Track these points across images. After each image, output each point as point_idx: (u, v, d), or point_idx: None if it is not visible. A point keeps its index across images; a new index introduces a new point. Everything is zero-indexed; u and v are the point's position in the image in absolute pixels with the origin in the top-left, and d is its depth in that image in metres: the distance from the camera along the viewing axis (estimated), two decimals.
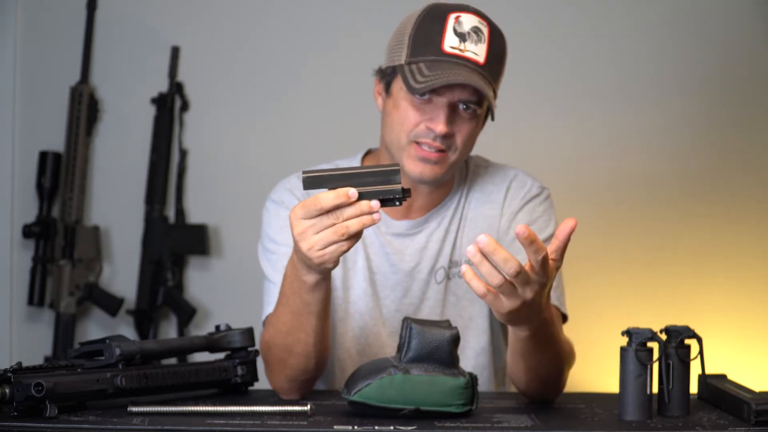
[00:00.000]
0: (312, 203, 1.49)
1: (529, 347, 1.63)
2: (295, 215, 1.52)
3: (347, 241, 1.51)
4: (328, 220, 1.50)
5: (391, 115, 1.82)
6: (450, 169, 1.82)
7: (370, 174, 1.49)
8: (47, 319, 2.99)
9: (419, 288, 1.90)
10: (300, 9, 2.98)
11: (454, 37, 1.77)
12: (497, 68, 1.81)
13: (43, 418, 1.50)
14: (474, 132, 1.82)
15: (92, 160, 3.02)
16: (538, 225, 1.91)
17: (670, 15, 2.94)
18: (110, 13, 3.00)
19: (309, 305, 1.66)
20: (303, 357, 1.73)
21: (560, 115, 2.96)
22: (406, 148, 1.80)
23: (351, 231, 1.50)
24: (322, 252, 1.53)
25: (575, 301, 2.89)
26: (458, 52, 1.76)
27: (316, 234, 1.51)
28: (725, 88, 2.94)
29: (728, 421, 1.56)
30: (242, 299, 2.90)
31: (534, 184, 1.94)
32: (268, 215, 1.93)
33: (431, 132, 1.78)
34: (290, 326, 1.71)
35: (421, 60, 1.77)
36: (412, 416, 1.54)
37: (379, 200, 1.49)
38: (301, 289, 1.64)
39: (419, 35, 1.78)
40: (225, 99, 3.00)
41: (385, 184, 1.49)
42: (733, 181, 2.94)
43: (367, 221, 1.49)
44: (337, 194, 1.48)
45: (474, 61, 1.77)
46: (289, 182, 1.95)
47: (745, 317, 2.92)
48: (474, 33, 1.78)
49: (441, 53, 1.76)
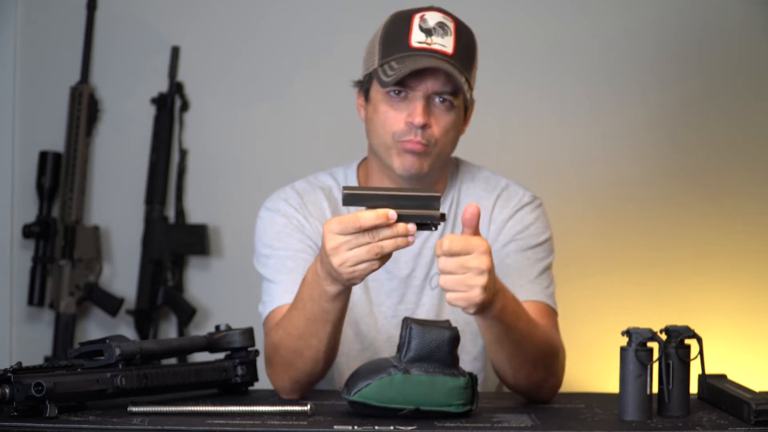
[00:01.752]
0: (351, 221, 1.50)
1: (500, 328, 1.65)
2: (329, 229, 1.53)
3: (379, 260, 1.53)
4: (363, 238, 1.51)
5: (373, 120, 1.85)
6: (434, 161, 1.83)
7: (410, 198, 1.50)
8: (47, 319, 2.99)
9: (414, 294, 1.91)
10: (300, 9, 2.98)
11: (420, 33, 1.80)
12: (467, 59, 1.82)
13: (43, 418, 1.50)
14: (453, 125, 1.83)
15: (92, 160, 3.02)
16: (531, 231, 1.91)
17: (666, 12, 2.94)
18: (110, 13, 3.00)
19: (327, 313, 1.67)
20: (311, 361, 1.74)
21: (560, 116, 2.96)
22: (392, 146, 1.82)
23: (385, 251, 1.51)
24: (353, 269, 1.53)
25: (576, 301, 2.90)
26: (426, 46, 1.80)
27: (349, 250, 1.52)
28: (726, 86, 2.94)
29: (728, 421, 1.56)
30: (242, 299, 2.90)
31: (525, 194, 1.95)
32: (262, 224, 1.93)
33: (411, 127, 1.79)
34: (303, 331, 1.71)
35: (392, 59, 1.80)
36: (412, 416, 1.54)
37: (416, 224, 1.50)
38: (321, 297, 1.64)
39: (388, 38, 1.82)
40: (225, 99, 3.00)
41: (423, 208, 1.50)
42: (734, 181, 2.94)
43: (402, 243, 1.51)
44: (377, 215, 1.49)
45: (442, 52, 1.80)
46: (283, 192, 1.95)
47: (745, 317, 2.92)
48: (440, 27, 1.81)
49: (409, 49, 1.80)
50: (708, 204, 2.94)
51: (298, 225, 1.90)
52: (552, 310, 1.88)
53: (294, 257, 1.87)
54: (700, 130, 2.94)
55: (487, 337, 1.69)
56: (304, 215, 1.91)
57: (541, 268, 1.89)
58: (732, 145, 2.94)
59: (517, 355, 1.70)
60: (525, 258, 1.89)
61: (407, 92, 1.81)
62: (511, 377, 1.73)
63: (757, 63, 2.94)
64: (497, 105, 2.93)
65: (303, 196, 1.93)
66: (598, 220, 2.95)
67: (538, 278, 1.88)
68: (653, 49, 2.94)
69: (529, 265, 1.88)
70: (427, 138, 1.81)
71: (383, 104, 1.82)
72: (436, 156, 1.83)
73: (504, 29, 2.94)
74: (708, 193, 2.94)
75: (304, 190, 1.94)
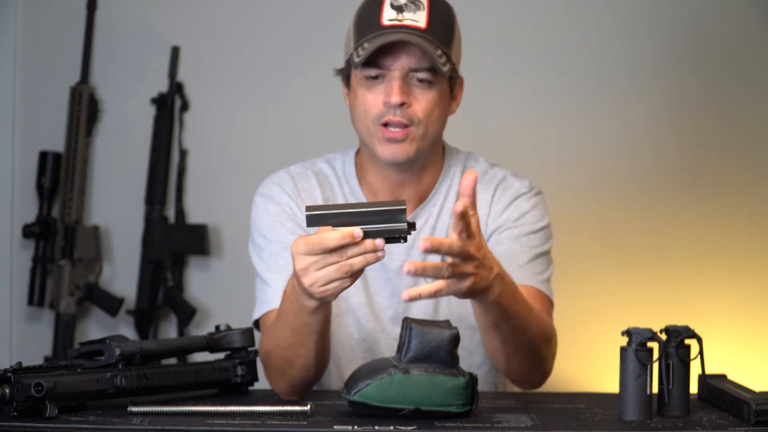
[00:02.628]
0: (316, 242, 1.48)
1: (497, 314, 1.64)
2: (297, 250, 1.51)
3: (350, 278, 1.51)
4: (331, 258, 1.49)
5: (354, 107, 1.83)
6: (420, 145, 1.81)
7: (374, 213, 1.47)
8: (47, 319, 2.99)
9: (408, 286, 1.89)
10: (300, 9, 2.98)
11: (391, 11, 1.78)
12: (444, 33, 1.79)
13: (43, 418, 1.50)
14: (436, 103, 1.80)
15: (92, 160, 3.02)
16: (527, 219, 1.90)
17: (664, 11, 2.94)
18: (110, 13, 3.00)
19: (309, 325, 1.67)
20: (303, 369, 1.74)
21: (560, 115, 2.95)
22: (374, 132, 1.80)
23: (354, 269, 1.50)
24: (324, 288, 1.53)
25: (576, 300, 2.90)
26: (397, 23, 1.77)
27: (318, 270, 1.51)
28: (726, 86, 2.94)
29: (728, 421, 1.56)
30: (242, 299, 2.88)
31: (523, 184, 1.94)
32: (257, 210, 1.93)
33: (390, 107, 1.77)
34: (290, 342, 1.71)
35: (364, 40, 1.78)
36: (412, 416, 1.54)
37: (384, 238, 1.48)
38: (302, 311, 1.64)
39: (361, 22, 1.81)
40: (225, 99, 3.00)
41: (390, 222, 1.47)
42: (734, 181, 2.94)
43: (371, 259, 1.49)
44: (342, 235, 1.47)
45: (415, 27, 1.77)
46: (277, 177, 1.95)
47: (745, 317, 2.92)
48: (411, 3, 1.78)
49: (380, 27, 1.77)
50: (708, 204, 2.94)
51: (290, 213, 1.90)
52: (544, 296, 1.87)
53: (285, 254, 1.87)
54: (700, 130, 2.94)
55: (482, 322, 1.68)
56: (297, 202, 1.91)
57: (533, 254, 1.88)
58: (732, 144, 2.94)
59: (512, 341, 1.70)
60: (519, 245, 1.88)
61: (384, 73, 1.78)
62: (503, 362, 1.73)
63: (757, 62, 2.94)
64: (496, 105, 2.93)
65: (297, 182, 1.93)
66: (598, 220, 2.95)
67: (530, 263, 1.87)
68: (655, 50, 2.94)
69: (521, 252, 1.87)
70: (409, 117, 1.78)
71: (361, 88, 1.80)
72: (421, 138, 1.80)
73: (502, 28, 2.93)
74: (708, 193, 2.94)
75: (298, 176, 1.94)
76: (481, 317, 1.68)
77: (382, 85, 1.79)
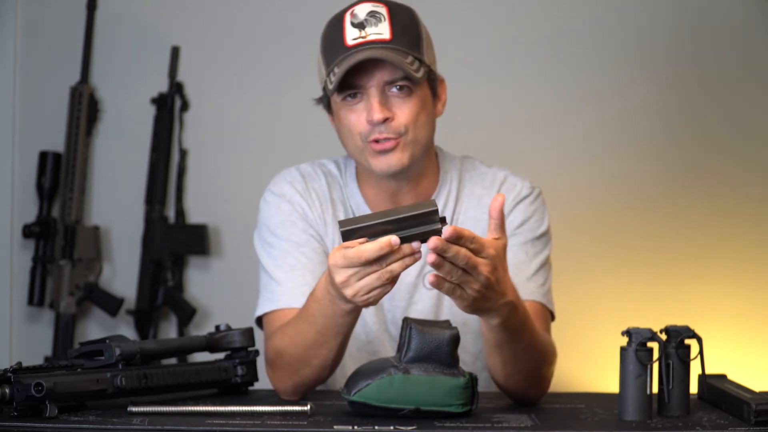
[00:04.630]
0: (355, 255, 1.48)
1: (502, 336, 1.64)
2: (335, 264, 1.51)
3: (390, 283, 1.52)
4: (371, 267, 1.50)
5: (340, 129, 1.83)
6: (413, 151, 1.80)
7: (408, 219, 1.47)
8: (47, 319, 2.99)
9: (406, 291, 1.89)
10: (300, 9, 2.98)
11: (353, 30, 1.78)
12: (410, 37, 1.78)
13: (43, 418, 1.50)
14: (420, 109, 1.80)
15: (92, 160, 3.02)
16: (530, 224, 1.91)
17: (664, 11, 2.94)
18: (110, 13, 3.00)
19: (340, 326, 1.67)
20: (318, 368, 1.74)
21: (560, 115, 2.96)
22: (365, 148, 1.80)
23: (395, 274, 1.50)
24: (367, 296, 1.53)
25: (576, 301, 2.90)
26: (361, 40, 1.77)
27: (359, 281, 1.51)
28: (726, 86, 2.94)
29: (728, 421, 1.56)
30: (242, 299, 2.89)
31: (524, 185, 1.94)
32: (268, 207, 1.93)
33: (373, 124, 1.77)
34: (313, 342, 1.71)
35: (334, 65, 1.78)
36: (412, 416, 1.54)
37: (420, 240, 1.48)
38: (335, 314, 1.64)
39: (327, 47, 1.81)
40: (225, 99, 3.00)
41: (423, 225, 1.47)
42: (734, 181, 2.94)
43: (410, 262, 1.49)
44: (380, 246, 1.47)
45: (379, 41, 1.76)
46: (289, 174, 1.95)
47: (745, 317, 2.92)
48: (371, 17, 1.78)
49: (346, 49, 1.77)
50: (708, 204, 2.94)
51: (302, 213, 1.90)
52: (547, 311, 1.87)
53: (295, 252, 1.87)
54: (700, 130, 2.94)
55: (486, 339, 1.68)
56: (308, 202, 1.90)
57: (538, 264, 1.88)
58: (732, 145, 2.94)
59: (512, 363, 1.69)
60: (523, 252, 1.88)
61: (360, 92, 1.78)
62: (501, 379, 1.73)
63: (757, 63, 2.94)
64: (495, 105, 2.93)
65: (307, 181, 1.93)
66: (598, 220, 2.95)
67: (535, 275, 1.87)
68: (653, 48, 2.94)
69: (526, 261, 1.87)
70: (395, 131, 1.78)
71: (342, 110, 1.80)
72: (412, 144, 1.80)
73: (500, 29, 2.94)
74: (708, 193, 2.94)
75: (308, 175, 1.94)
76: (485, 334, 1.67)
77: (362, 103, 1.79)
